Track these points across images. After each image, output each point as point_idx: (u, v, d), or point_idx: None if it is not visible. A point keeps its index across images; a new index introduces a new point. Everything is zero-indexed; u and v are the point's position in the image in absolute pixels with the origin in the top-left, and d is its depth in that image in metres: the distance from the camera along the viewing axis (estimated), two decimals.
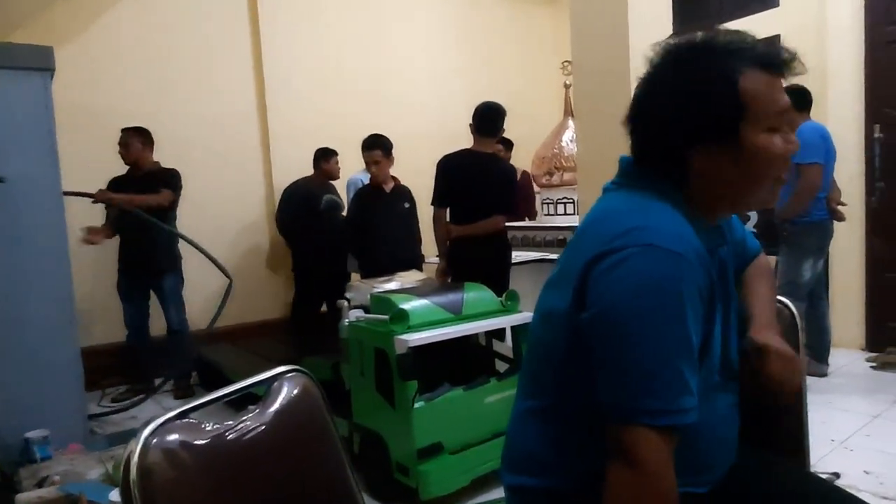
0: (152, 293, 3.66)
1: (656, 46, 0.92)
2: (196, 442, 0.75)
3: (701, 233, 0.86)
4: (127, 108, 3.97)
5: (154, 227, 3.34)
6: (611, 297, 0.78)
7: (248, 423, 0.83)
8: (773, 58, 0.85)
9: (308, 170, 4.55)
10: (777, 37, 4.57)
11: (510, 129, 3.28)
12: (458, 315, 2.20)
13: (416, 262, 3.64)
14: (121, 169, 3.60)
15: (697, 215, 0.88)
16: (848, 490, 2.20)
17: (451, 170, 2.99)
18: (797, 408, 1.17)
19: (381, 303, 2.19)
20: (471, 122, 3.05)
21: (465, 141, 3.19)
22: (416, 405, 2.01)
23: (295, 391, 0.90)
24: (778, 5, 4.50)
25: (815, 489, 1.07)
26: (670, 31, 3.28)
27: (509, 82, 5.72)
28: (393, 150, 3.52)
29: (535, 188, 4.96)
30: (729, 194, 0.88)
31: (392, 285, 2.50)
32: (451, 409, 2.08)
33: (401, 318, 2.05)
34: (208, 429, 0.78)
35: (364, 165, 3.68)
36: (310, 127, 4.77)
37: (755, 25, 4.69)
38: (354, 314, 2.29)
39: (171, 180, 3.56)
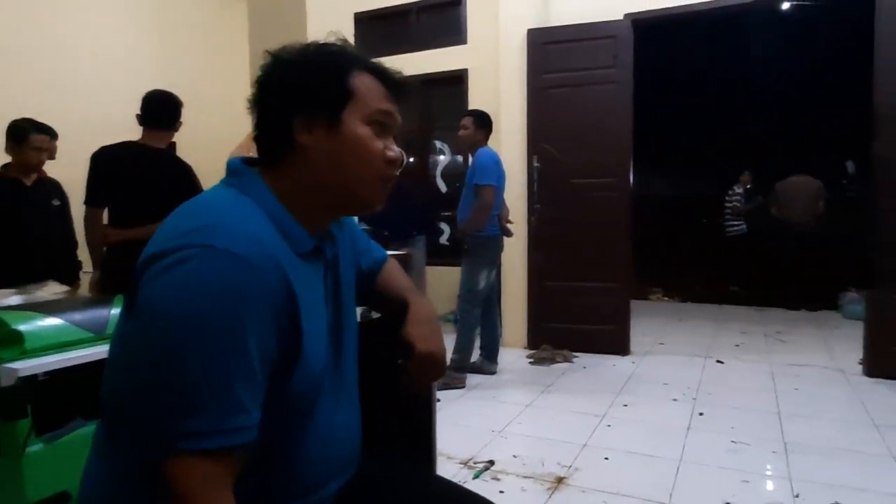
0: None
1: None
2: None
3: (300, 237, 0.83)
4: None
5: None
6: (156, 305, 0.69)
7: None
8: (384, 71, 0.89)
9: None
10: (465, 71, 5.15)
11: (205, 127, 2.97)
12: (100, 335, 1.84)
13: (72, 271, 3.06)
14: None
15: (298, 218, 0.84)
16: (497, 473, 2.47)
17: (109, 164, 2.56)
18: (427, 413, 1.22)
19: None
20: (138, 112, 2.67)
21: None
22: (32, 448, 1.61)
23: None
24: (466, 43, 5.05)
25: (436, 492, 1.09)
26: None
27: (203, 75, 5.29)
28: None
29: None
30: (329, 186, 0.85)
31: (13, 300, 2.00)
32: (83, 449, 1.71)
33: (11, 340, 1.62)
34: None
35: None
36: None
37: (446, 57, 5.22)
38: None
39: None
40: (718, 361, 4.11)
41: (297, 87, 0.83)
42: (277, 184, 0.84)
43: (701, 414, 3.05)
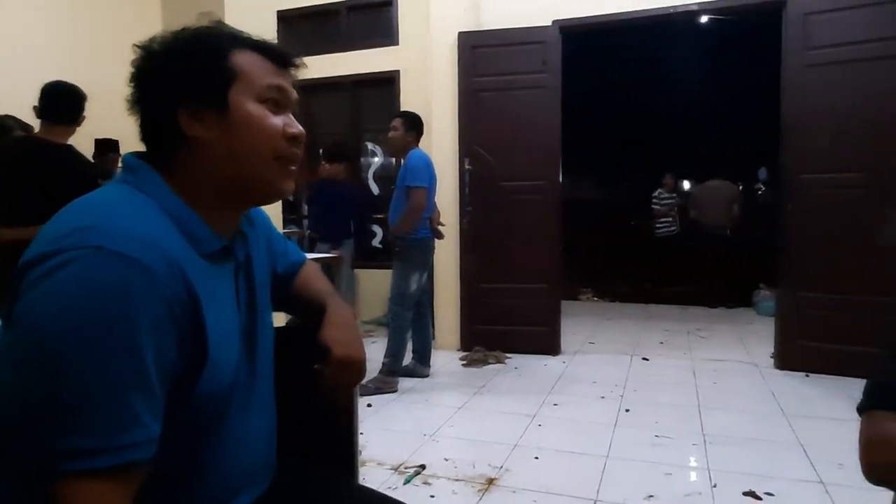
0: None
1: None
2: None
3: (205, 237, 0.78)
4: None
5: None
6: (33, 312, 0.63)
7: None
8: (266, 45, 0.84)
9: None
10: (397, 72, 5.11)
11: (125, 128, 2.77)
12: None
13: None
14: None
15: (203, 216, 0.78)
16: (428, 478, 2.45)
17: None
18: (347, 419, 1.17)
19: None
20: (36, 104, 2.47)
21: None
22: None
23: None
24: (398, 44, 5.01)
25: (358, 502, 1.06)
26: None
27: (119, 74, 5.01)
28: None
29: None
30: (230, 175, 0.79)
31: None
32: None
33: None
34: None
35: None
36: None
37: (377, 58, 5.16)
38: None
39: None
40: (644, 359, 4.25)
41: (175, 77, 0.77)
42: (176, 180, 0.78)
43: (627, 410, 3.14)
